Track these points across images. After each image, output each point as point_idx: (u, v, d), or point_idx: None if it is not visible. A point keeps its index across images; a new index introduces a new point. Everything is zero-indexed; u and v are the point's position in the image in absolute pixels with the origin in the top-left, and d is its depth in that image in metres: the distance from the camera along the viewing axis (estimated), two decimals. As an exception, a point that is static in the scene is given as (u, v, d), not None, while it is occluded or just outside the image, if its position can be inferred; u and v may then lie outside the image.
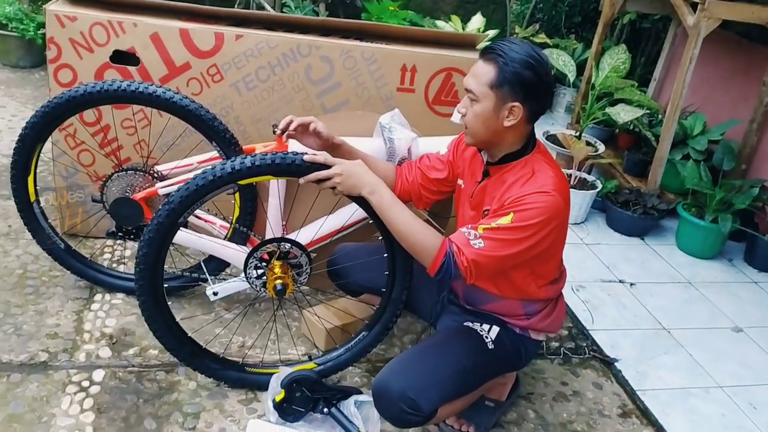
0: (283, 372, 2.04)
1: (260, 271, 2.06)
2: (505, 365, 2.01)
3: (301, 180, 1.84)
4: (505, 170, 1.82)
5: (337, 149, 1.99)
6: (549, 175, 1.75)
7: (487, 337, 1.90)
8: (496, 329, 1.92)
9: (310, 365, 2.19)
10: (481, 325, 1.93)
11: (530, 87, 1.69)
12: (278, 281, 2.02)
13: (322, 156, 1.85)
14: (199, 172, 1.91)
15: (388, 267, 2.09)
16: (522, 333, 1.96)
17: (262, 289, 2.07)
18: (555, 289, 1.97)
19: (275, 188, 2.29)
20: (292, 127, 1.95)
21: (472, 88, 1.72)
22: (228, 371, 2.15)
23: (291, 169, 1.89)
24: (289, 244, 2.04)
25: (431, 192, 2.07)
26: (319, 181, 1.83)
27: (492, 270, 1.75)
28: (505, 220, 1.69)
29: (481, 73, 1.71)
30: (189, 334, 2.11)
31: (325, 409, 2.01)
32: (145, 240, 1.91)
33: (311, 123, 1.94)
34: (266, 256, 2.06)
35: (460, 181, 2.00)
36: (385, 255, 2.08)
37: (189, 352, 2.10)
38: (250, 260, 2.04)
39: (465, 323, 1.95)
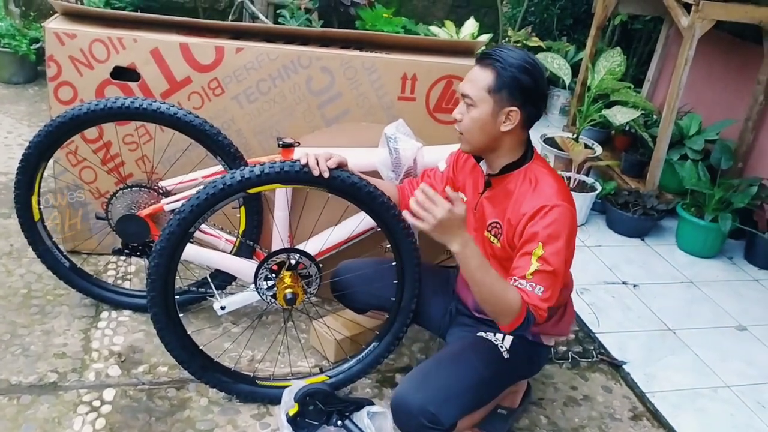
0: (296, 386, 2.03)
1: (270, 283, 2.06)
2: (520, 373, 2.02)
3: (408, 218, 1.69)
4: (507, 180, 1.84)
5: None
6: (551, 184, 1.78)
7: (501, 346, 1.90)
8: (509, 338, 1.92)
9: (322, 378, 2.19)
10: (495, 335, 1.93)
11: (527, 91, 1.73)
12: (288, 290, 2.02)
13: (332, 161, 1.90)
14: (208, 182, 1.92)
15: (397, 276, 2.10)
16: (534, 339, 1.97)
17: (272, 300, 2.07)
18: (564, 294, 1.98)
19: (282, 200, 2.29)
20: (321, 165, 1.89)
21: (469, 93, 1.74)
22: (239, 385, 2.15)
23: (299, 176, 1.90)
24: (299, 255, 2.05)
25: None
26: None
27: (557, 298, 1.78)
28: (538, 253, 1.71)
29: (478, 78, 1.74)
30: (200, 347, 2.11)
31: (339, 422, 2.00)
32: (157, 250, 1.92)
33: (331, 158, 1.92)
34: (276, 268, 2.06)
35: (461, 195, 2.01)
36: (393, 263, 2.08)
37: (200, 365, 2.09)
38: (260, 271, 2.04)
39: (478, 333, 1.95)
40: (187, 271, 2.67)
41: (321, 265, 2.10)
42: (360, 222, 2.27)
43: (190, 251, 2.28)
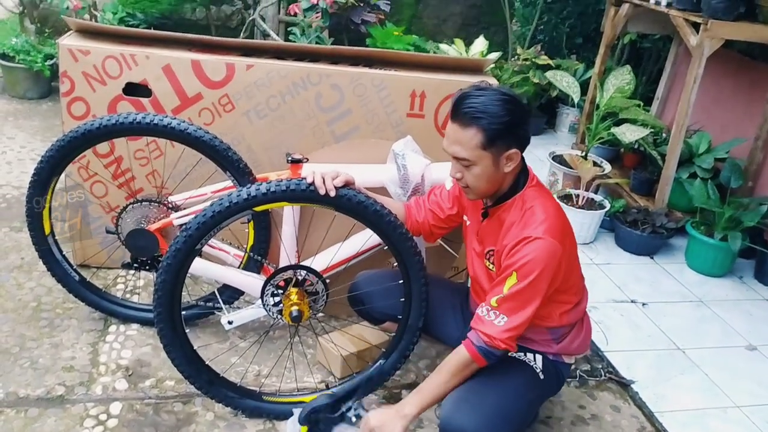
0: (296, 413, 2.02)
1: (277, 299, 2.07)
2: (551, 392, 2.04)
3: None
4: (502, 210, 1.85)
5: None
6: (538, 215, 1.76)
7: (537, 367, 1.91)
8: (539, 357, 1.94)
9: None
10: (525, 355, 1.94)
11: (518, 129, 1.72)
12: (294, 307, 2.02)
13: (339, 179, 1.89)
14: (215, 199, 1.94)
15: (404, 294, 2.10)
16: (555, 359, 1.97)
17: (278, 316, 2.07)
18: (577, 312, 1.98)
19: (290, 216, 2.30)
20: (328, 184, 1.90)
21: (464, 156, 1.71)
22: (245, 400, 2.15)
23: (306, 194, 1.91)
24: (305, 271, 2.05)
25: (442, 228, 2.11)
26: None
27: (526, 328, 1.78)
28: (511, 282, 1.73)
29: (465, 139, 1.69)
30: (206, 362, 2.11)
31: (354, 418, 1.95)
32: (164, 267, 1.93)
33: (338, 176, 1.92)
34: (283, 284, 2.07)
35: (465, 218, 2.04)
36: (401, 282, 2.08)
37: (206, 380, 2.10)
38: (267, 288, 2.05)
39: (509, 354, 1.91)
40: (196, 285, 2.69)
41: (328, 281, 2.10)
42: (367, 238, 2.28)
43: (199, 266, 2.30)
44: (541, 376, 1.91)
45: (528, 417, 1.94)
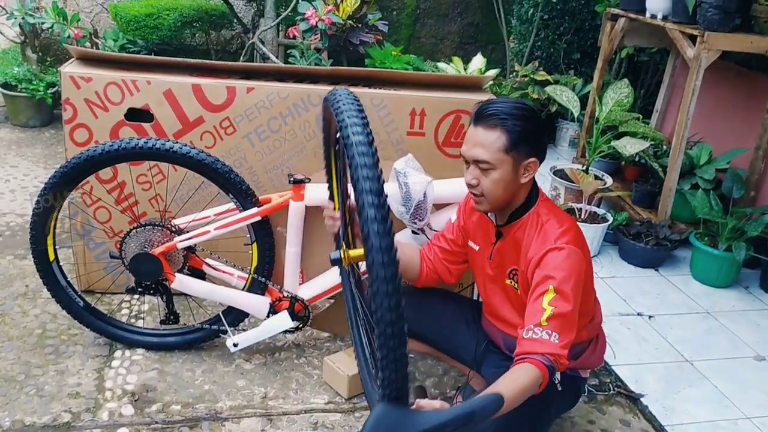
0: None
1: None
2: (568, 405, 2.04)
3: None
4: (515, 228, 1.85)
5: None
6: (555, 227, 1.78)
7: (556, 379, 1.89)
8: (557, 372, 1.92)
9: None
10: None
11: (538, 138, 1.74)
12: None
13: None
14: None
15: None
16: (572, 373, 1.96)
17: None
18: (593, 326, 1.98)
19: (294, 237, 2.31)
20: None
21: (485, 158, 1.71)
22: None
23: None
24: None
25: (457, 264, 2.08)
26: None
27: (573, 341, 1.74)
28: (549, 297, 1.69)
29: (488, 141, 1.71)
30: None
31: None
32: None
33: None
34: None
35: (471, 243, 2.01)
36: None
37: None
38: None
39: None
40: (200, 308, 2.68)
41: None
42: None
43: (203, 288, 2.30)
44: (560, 388, 1.90)
45: (546, 428, 1.92)
